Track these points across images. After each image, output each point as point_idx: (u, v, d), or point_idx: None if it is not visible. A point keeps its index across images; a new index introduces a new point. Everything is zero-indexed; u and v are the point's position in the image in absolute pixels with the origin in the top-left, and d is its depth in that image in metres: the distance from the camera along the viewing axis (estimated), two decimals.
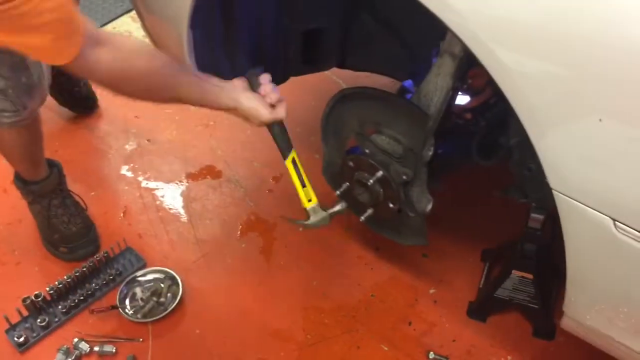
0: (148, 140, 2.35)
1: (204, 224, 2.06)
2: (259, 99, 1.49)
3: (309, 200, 1.64)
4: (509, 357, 1.72)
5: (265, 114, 1.49)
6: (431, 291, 1.87)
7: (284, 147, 1.60)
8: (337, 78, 2.53)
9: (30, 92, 1.61)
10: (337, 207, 1.71)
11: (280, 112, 1.53)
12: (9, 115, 1.61)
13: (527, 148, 1.16)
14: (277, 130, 1.57)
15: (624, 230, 1.09)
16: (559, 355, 1.72)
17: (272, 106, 1.51)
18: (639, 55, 0.96)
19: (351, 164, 1.70)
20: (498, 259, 1.90)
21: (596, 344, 1.42)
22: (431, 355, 1.71)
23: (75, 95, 2.38)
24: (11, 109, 1.60)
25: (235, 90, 1.48)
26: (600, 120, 1.01)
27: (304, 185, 1.63)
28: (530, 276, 1.63)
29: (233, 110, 1.49)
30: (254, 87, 1.51)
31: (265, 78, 1.52)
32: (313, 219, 1.66)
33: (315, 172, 2.17)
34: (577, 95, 1.04)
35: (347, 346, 1.74)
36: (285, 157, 1.61)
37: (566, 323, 1.42)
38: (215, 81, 1.46)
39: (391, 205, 1.66)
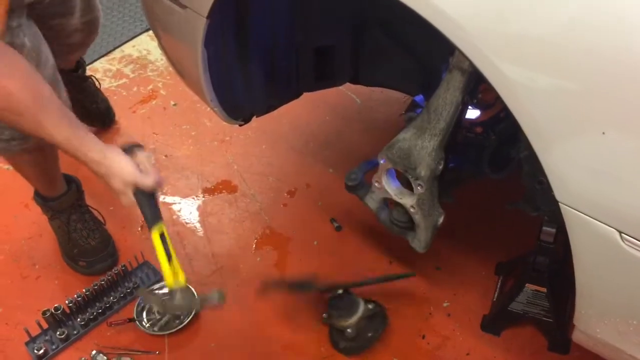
0: (165, 155, 2.39)
1: (219, 238, 2.09)
2: (130, 161, 1.41)
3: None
4: None
5: (130, 172, 1.39)
6: (445, 304, 1.87)
7: (150, 217, 1.44)
8: (351, 93, 2.55)
9: None
10: (214, 295, 1.57)
11: (148, 180, 1.41)
12: (18, 143, 1.64)
13: (537, 161, 1.16)
14: (141, 198, 1.42)
15: (631, 242, 1.09)
16: None
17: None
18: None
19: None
20: (512, 272, 1.89)
21: (608, 357, 1.41)
22: None
23: (94, 111, 2.42)
24: (18, 137, 1.62)
25: (107, 147, 1.41)
26: (603, 133, 1.02)
27: (170, 260, 1.46)
28: (544, 290, 1.62)
29: (96, 164, 1.38)
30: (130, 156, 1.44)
31: (141, 151, 1.46)
32: (179, 300, 1.49)
33: (330, 187, 2.20)
34: (580, 109, 1.05)
35: None
36: (150, 227, 1.45)
37: (577, 336, 1.41)
38: (92, 135, 1.40)
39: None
